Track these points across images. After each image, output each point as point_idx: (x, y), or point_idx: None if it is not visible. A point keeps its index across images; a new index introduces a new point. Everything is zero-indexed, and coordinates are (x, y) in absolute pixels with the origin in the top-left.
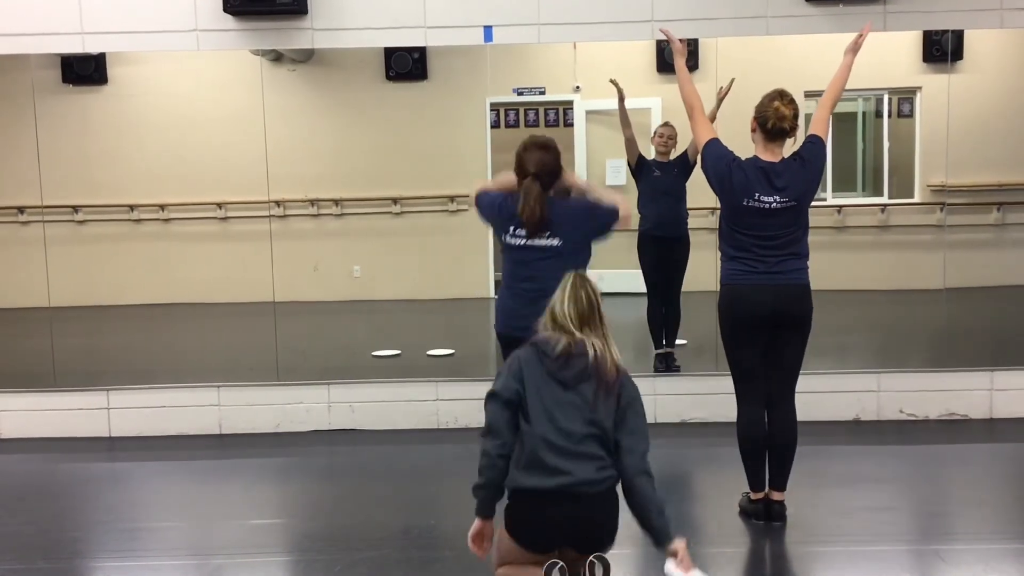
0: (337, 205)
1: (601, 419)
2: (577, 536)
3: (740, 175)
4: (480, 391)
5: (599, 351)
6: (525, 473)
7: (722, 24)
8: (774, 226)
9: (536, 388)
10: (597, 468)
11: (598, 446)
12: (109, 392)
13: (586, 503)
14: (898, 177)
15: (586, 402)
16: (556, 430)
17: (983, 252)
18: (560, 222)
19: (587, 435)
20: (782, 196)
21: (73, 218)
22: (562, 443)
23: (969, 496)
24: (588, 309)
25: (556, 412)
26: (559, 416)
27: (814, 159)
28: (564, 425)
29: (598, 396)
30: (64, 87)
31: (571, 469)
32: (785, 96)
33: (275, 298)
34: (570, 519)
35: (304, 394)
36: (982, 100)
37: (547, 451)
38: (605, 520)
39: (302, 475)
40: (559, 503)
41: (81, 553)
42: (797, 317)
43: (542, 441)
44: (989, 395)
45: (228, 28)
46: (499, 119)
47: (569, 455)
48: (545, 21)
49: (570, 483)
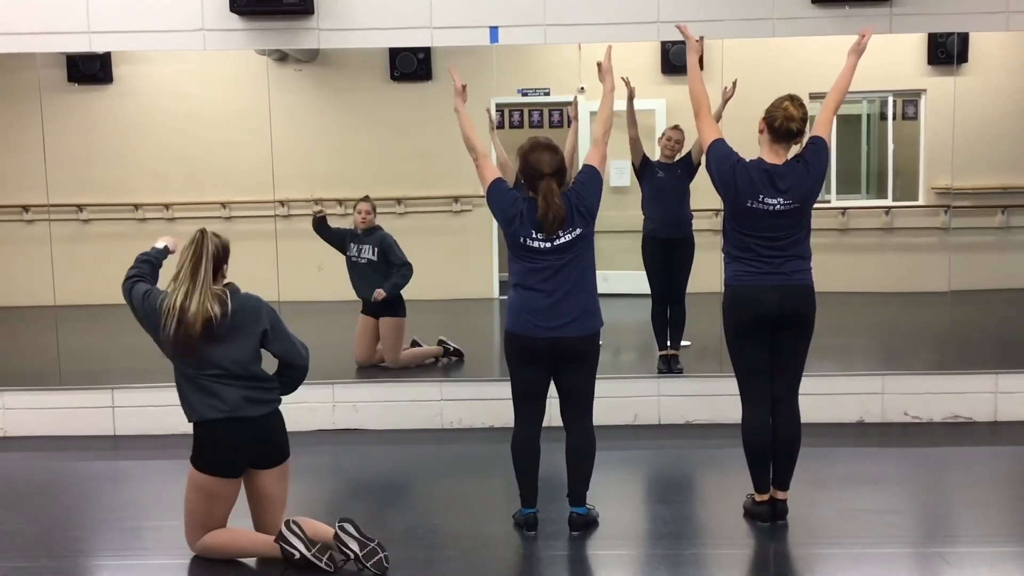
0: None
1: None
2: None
3: (745, 177)
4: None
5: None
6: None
7: (728, 25)
8: (778, 227)
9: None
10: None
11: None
12: (114, 390)
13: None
14: (902, 179)
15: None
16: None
17: (987, 255)
18: (572, 216)
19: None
20: (786, 198)
21: (78, 217)
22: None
23: (973, 499)
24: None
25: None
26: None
27: (816, 161)
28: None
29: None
30: (69, 86)
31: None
32: (796, 99)
33: (280, 297)
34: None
35: (308, 394)
36: (987, 103)
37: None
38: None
39: (306, 474)
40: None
41: (84, 551)
42: (801, 318)
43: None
44: (994, 398)
45: (234, 28)
46: (504, 120)
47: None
48: (551, 22)
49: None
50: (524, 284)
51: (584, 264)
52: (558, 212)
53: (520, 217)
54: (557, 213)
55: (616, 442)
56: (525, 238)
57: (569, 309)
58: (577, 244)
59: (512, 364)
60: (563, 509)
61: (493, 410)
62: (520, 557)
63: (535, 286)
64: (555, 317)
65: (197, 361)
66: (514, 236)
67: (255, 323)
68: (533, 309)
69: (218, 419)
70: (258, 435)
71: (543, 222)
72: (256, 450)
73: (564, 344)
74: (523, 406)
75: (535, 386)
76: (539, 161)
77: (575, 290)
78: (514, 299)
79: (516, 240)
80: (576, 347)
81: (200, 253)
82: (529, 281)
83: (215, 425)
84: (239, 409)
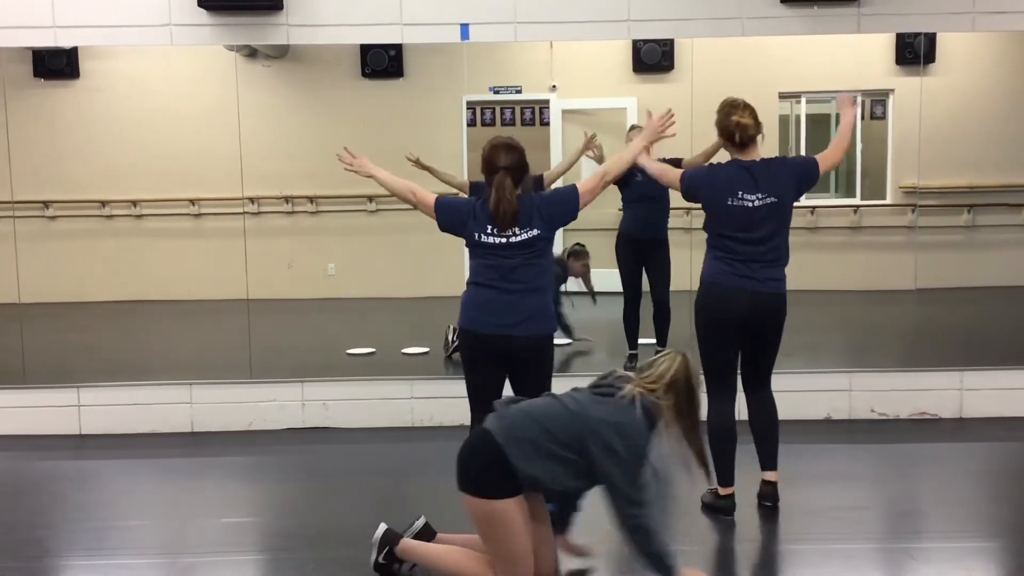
0: (312, 202)
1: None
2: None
3: (723, 172)
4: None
5: None
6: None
7: (697, 24)
8: (756, 227)
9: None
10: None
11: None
12: (80, 389)
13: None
14: (871, 179)
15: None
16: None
17: (954, 253)
18: (530, 215)
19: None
20: (764, 193)
21: (44, 214)
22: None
23: (939, 495)
24: None
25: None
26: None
27: (796, 161)
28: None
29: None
30: (36, 81)
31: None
32: (738, 105)
33: (249, 296)
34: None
35: (277, 392)
36: (954, 103)
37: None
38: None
39: (275, 473)
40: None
41: (50, 552)
42: (769, 324)
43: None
44: (959, 395)
45: (202, 23)
46: (475, 117)
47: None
48: (522, 20)
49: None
50: (478, 281)
51: (541, 267)
52: (509, 206)
53: (474, 213)
54: (508, 207)
55: None
56: (480, 234)
57: (523, 308)
58: (535, 245)
59: (466, 361)
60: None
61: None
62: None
63: (489, 283)
64: (508, 315)
65: None
66: (470, 234)
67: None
68: (485, 306)
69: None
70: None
71: (495, 214)
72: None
73: (518, 344)
74: (478, 405)
75: (489, 384)
76: (496, 156)
77: (530, 291)
78: (468, 295)
79: (472, 238)
80: (530, 347)
81: None
82: (483, 278)
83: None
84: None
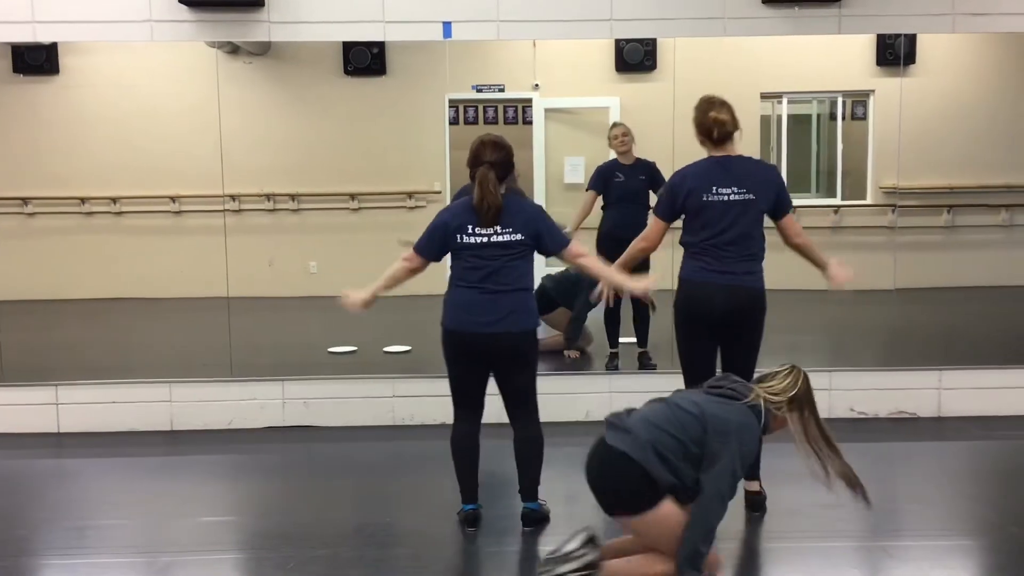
0: (294, 200)
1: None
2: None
3: (696, 168)
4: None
5: None
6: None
7: (680, 24)
8: (732, 222)
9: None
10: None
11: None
12: (58, 387)
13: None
14: (851, 179)
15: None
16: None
17: (933, 254)
18: (513, 215)
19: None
20: (739, 187)
21: (23, 210)
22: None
23: (917, 493)
24: None
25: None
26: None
27: (780, 180)
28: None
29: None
30: (15, 77)
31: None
32: (715, 102)
33: (229, 293)
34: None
35: (258, 390)
36: (934, 104)
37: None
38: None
39: (255, 472)
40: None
41: (27, 551)
42: (747, 320)
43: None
44: (937, 394)
45: (183, 19)
46: (458, 116)
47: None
48: (504, 18)
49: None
50: (461, 281)
51: (522, 270)
52: (493, 199)
53: (452, 220)
54: (492, 200)
55: (567, 438)
56: (462, 235)
57: (504, 305)
58: (516, 247)
59: (449, 361)
60: (516, 505)
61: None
62: (471, 554)
63: (472, 283)
64: (490, 313)
65: None
66: (454, 239)
67: None
68: (468, 306)
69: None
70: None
71: (479, 207)
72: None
73: (502, 342)
74: (461, 403)
75: (472, 383)
76: (483, 151)
77: (512, 290)
78: (451, 296)
79: (455, 241)
80: (514, 344)
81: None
82: (466, 278)
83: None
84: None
